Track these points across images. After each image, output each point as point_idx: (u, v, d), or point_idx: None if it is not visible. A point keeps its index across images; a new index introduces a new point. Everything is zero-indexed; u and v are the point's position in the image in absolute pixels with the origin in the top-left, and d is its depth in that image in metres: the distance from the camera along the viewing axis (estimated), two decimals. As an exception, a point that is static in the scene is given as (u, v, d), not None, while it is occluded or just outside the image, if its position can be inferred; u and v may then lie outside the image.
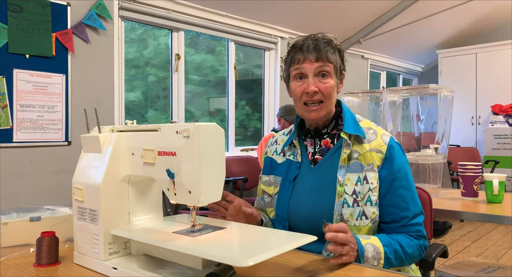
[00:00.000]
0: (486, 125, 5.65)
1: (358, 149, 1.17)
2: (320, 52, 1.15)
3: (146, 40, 3.56)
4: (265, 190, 1.30)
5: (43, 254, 1.03)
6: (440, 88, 1.96)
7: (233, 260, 0.73)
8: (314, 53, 1.15)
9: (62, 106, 2.82)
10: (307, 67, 1.15)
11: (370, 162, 1.15)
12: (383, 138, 1.18)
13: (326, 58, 1.15)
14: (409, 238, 1.13)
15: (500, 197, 1.83)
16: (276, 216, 1.24)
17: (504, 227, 4.51)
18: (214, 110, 4.22)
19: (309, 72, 1.16)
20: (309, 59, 1.15)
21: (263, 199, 1.31)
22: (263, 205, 1.32)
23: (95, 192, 0.97)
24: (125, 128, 1.04)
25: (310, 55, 1.15)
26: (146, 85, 3.58)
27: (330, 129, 1.23)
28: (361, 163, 1.15)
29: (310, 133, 1.25)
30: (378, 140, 1.18)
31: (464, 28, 5.98)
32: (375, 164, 1.15)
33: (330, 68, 1.16)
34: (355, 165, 1.15)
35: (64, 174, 2.86)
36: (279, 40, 4.44)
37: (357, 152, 1.16)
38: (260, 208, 1.34)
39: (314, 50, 1.15)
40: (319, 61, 1.15)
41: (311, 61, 1.15)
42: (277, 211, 1.23)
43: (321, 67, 1.15)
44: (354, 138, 1.18)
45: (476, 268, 2.03)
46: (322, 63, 1.15)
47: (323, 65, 1.15)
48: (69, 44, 2.83)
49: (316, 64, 1.15)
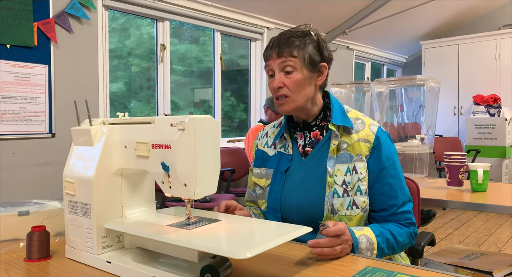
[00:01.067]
0: (468, 115, 5.76)
1: (347, 139, 1.18)
2: (281, 48, 1.15)
3: (128, 29, 3.49)
4: (256, 183, 1.31)
5: (34, 249, 1.01)
6: (426, 80, 1.99)
7: (231, 253, 0.73)
8: (276, 49, 1.15)
9: (45, 98, 2.76)
10: (272, 64, 1.17)
11: (359, 152, 1.17)
12: (370, 128, 1.20)
13: (288, 53, 1.14)
14: (399, 226, 1.16)
15: (484, 186, 1.87)
16: (268, 208, 1.25)
17: (484, 214, 4.63)
18: (199, 101, 4.19)
19: (274, 68, 1.17)
20: (272, 56, 1.16)
21: (255, 191, 1.32)
22: (254, 197, 1.33)
23: (87, 186, 0.96)
24: (116, 120, 1.02)
25: (273, 52, 1.16)
26: (129, 75, 3.52)
27: (318, 121, 1.24)
28: (350, 154, 1.17)
29: (299, 126, 1.26)
30: (366, 130, 1.19)
31: (447, 19, 6.05)
32: (363, 154, 1.16)
33: (294, 63, 1.14)
34: (344, 155, 1.17)
35: (48, 167, 2.81)
36: (265, 30, 4.42)
37: (346, 142, 1.18)
38: (252, 200, 1.35)
39: (277, 46, 1.16)
40: (281, 57, 1.15)
41: (274, 58, 1.16)
42: (269, 202, 1.24)
43: (283, 63, 1.15)
44: (343, 129, 1.19)
45: (460, 255, 2.08)
46: (284, 58, 1.15)
47: (285, 61, 1.15)
48: (52, 34, 2.76)
49: (278, 60, 1.15)
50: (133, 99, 3.61)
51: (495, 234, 3.87)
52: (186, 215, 0.95)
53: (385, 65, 6.75)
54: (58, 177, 2.84)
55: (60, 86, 2.84)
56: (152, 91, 3.66)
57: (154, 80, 3.65)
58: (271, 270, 0.92)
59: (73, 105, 2.85)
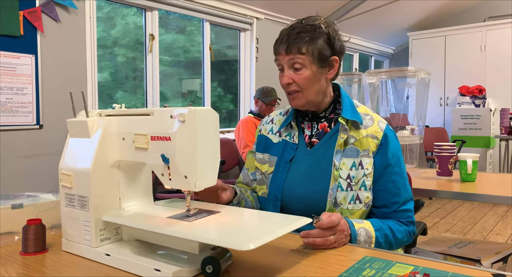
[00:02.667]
0: (454, 106, 5.85)
1: (355, 134, 1.18)
2: (290, 44, 1.13)
3: (114, 19, 3.43)
4: (258, 167, 1.31)
5: (30, 242, 1.00)
6: (417, 71, 2.00)
7: (235, 244, 0.74)
8: (285, 45, 1.14)
9: (32, 88, 2.71)
10: (282, 59, 1.16)
11: (366, 148, 1.17)
12: (379, 125, 1.20)
13: (296, 50, 1.12)
14: (399, 224, 1.17)
15: (473, 176, 1.91)
16: (268, 195, 1.25)
17: (469, 203, 4.73)
18: (186, 92, 4.16)
19: (283, 64, 1.16)
20: (281, 52, 1.15)
21: (254, 175, 1.32)
22: (250, 180, 1.33)
23: (85, 178, 0.95)
24: (113, 112, 1.01)
25: (282, 47, 1.15)
26: (114, 65, 3.47)
27: (328, 113, 1.24)
28: (357, 149, 1.17)
29: (308, 116, 1.26)
30: (375, 126, 1.19)
31: (434, 10, 6.09)
32: (370, 150, 1.17)
33: (303, 60, 1.13)
34: (351, 150, 1.17)
35: (37, 159, 2.77)
36: (255, 20, 4.39)
37: (354, 137, 1.18)
38: (246, 182, 1.35)
39: (285, 42, 1.14)
40: (289, 54, 1.14)
41: (283, 54, 1.15)
42: (271, 190, 1.24)
43: (292, 60, 1.14)
44: (351, 123, 1.19)
45: (449, 244, 2.13)
46: (292, 55, 1.13)
47: (294, 58, 1.13)
48: (38, 23, 2.70)
49: (287, 57, 1.14)
50: (119, 89, 3.56)
51: (480, 222, 3.96)
52: (186, 207, 0.95)
53: (373, 56, 6.79)
54: (47, 169, 2.81)
55: (47, 76, 2.79)
56: (138, 82, 3.62)
57: (141, 70, 3.60)
58: (270, 261, 0.93)
59: (61, 96, 2.82)
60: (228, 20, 4.15)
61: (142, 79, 3.63)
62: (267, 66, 4.51)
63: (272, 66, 4.77)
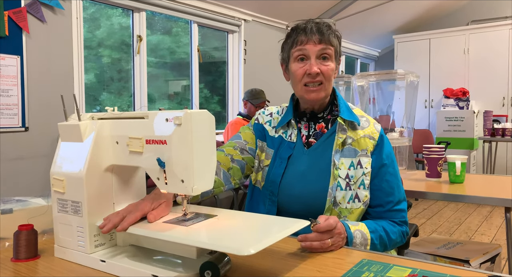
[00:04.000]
0: (438, 108, 5.93)
1: (352, 135, 1.20)
2: (323, 34, 1.16)
3: (99, 19, 3.38)
4: (257, 154, 1.29)
5: (22, 249, 0.98)
6: (407, 74, 2.03)
7: (235, 249, 0.73)
8: (317, 35, 1.15)
9: (17, 90, 2.65)
10: (310, 48, 1.16)
11: (364, 147, 1.19)
12: (375, 126, 1.24)
13: (329, 41, 1.16)
14: (393, 224, 1.18)
15: (461, 178, 1.94)
16: (263, 189, 1.24)
17: (454, 204, 4.80)
18: (173, 93, 4.13)
19: (311, 53, 1.16)
20: (312, 40, 1.15)
21: (253, 150, 1.29)
22: (244, 147, 1.28)
23: (78, 183, 0.93)
24: (106, 115, 0.99)
25: (313, 36, 1.15)
26: (99, 67, 3.42)
27: (325, 114, 1.25)
28: (355, 149, 1.19)
29: (306, 116, 1.26)
30: (371, 128, 1.23)
31: (419, 14, 6.18)
32: (368, 150, 1.19)
33: (332, 51, 1.17)
34: (349, 150, 1.19)
35: (22, 162, 2.71)
36: (243, 22, 4.39)
37: (351, 138, 1.20)
38: (240, 148, 1.27)
39: (317, 32, 1.16)
40: (322, 44, 1.15)
41: (315, 43, 1.16)
42: (266, 184, 1.23)
43: (323, 50, 1.16)
44: (349, 124, 1.21)
45: (437, 244, 2.15)
46: (324, 45, 1.16)
47: (325, 48, 1.16)
48: (23, 23, 2.65)
49: (319, 46, 1.16)
50: (104, 91, 3.51)
51: (465, 223, 4.02)
52: (182, 211, 0.94)
53: (359, 58, 6.85)
54: (33, 172, 2.75)
55: (33, 78, 2.74)
56: (124, 83, 3.58)
57: (126, 71, 3.56)
58: (268, 264, 0.92)
59: (47, 97, 2.77)
60: (216, 21, 4.14)
61: (127, 81, 3.59)
62: (255, 68, 4.51)
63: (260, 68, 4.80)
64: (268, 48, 4.60)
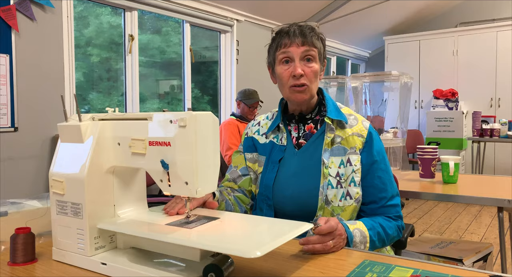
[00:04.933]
0: (428, 108, 6.00)
1: (341, 133, 1.22)
2: (306, 36, 1.18)
3: (87, 18, 3.33)
4: (250, 167, 1.32)
5: (19, 252, 0.96)
6: (401, 75, 2.04)
7: (242, 251, 0.73)
8: (300, 37, 1.18)
9: (6, 89, 2.61)
10: (294, 51, 1.18)
11: (353, 145, 1.20)
12: (363, 124, 1.25)
13: (312, 43, 1.18)
14: (388, 219, 1.19)
15: (455, 178, 1.96)
16: (259, 195, 1.27)
17: (444, 204, 4.86)
18: (163, 93, 4.09)
19: (295, 55, 1.18)
20: (295, 43, 1.18)
21: (244, 170, 1.32)
22: (237, 176, 1.32)
23: (79, 185, 0.92)
24: (107, 116, 0.98)
25: (296, 39, 1.18)
26: (87, 66, 3.36)
27: (314, 115, 1.27)
28: (344, 147, 1.20)
29: (295, 118, 1.28)
30: (359, 125, 1.24)
31: (409, 16, 6.24)
32: (357, 147, 1.21)
33: (315, 53, 1.19)
34: (338, 149, 1.20)
35: (12, 163, 2.67)
36: (235, 22, 4.38)
37: (340, 136, 1.21)
38: (233, 178, 1.33)
39: (300, 34, 1.18)
40: (305, 45, 1.18)
41: (298, 45, 1.18)
42: (261, 190, 1.26)
43: (306, 52, 1.18)
44: (337, 123, 1.23)
45: (431, 244, 2.17)
46: (307, 47, 1.18)
47: (309, 50, 1.18)
48: (13, 21, 2.60)
49: (302, 48, 1.18)
50: (92, 90, 3.46)
51: (455, 222, 4.07)
52: (185, 213, 0.93)
53: (350, 59, 6.89)
54: (23, 173, 2.71)
55: (22, 77, 2.69)
56: (112, 83, 3.53)
57: (115, 71, 3.52)
58: (271, 266, 0.92)
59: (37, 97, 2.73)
60: (208, 21, 4.12)
61: (116, 80, 3.55)
62: (248, 68, 4.51)
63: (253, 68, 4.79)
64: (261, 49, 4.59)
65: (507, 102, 5.60)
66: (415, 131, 5.57)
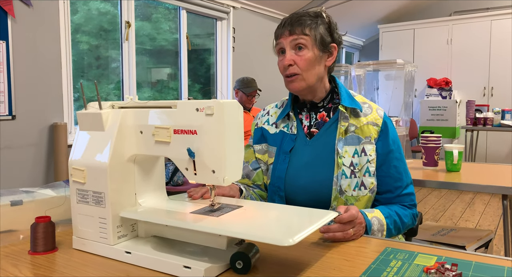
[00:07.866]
0: (422, 97, 6.04)
1: (355, 122, 1.20)
2: (293, 26, 1.17)
3: (75, 4, 3.24)
4: (260, 159, 1.31)
5: (39, 241, 0.95)
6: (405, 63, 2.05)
7: (275, 240, 0.73)
8: (288, 27, 1.17)
9: (3, 76, 2.55)
10: (283, 41, 1.18)
11: (368, 135, 1.19)
12: (378, 112, 1.23)
13: (300, 31, 1.16)
14: (404, 208, 1.20)
15: (458, 166, 1.98)
16: (271, 186, 1.26)
17: (437, 191, 4.93)
18: (156, 81, 4.04)
19: (285, 46, 1.18)
20: (284, 34, 1.18)
21: (255, 164, 1.32)
22: (249, 171, 1.32)
23: (101, 174, 0.90)
24: (127, 104, 0.97)
25: (285, 30, 1.18)
26: (76, 53, 3.29)
27: (326, 103, 1.25)
28: (358, 136, 1.19)
29: (306, 107, 1.27)
30: (374, 114, 1.22)
31: (404, 4, 6.24)
32: (372, 137, 1.19)
33: (306, 41, 1.16)
34: (352, 138, 1.19)
35: (10, 151, 2.63)
36: (231, 9, 4.33)
37: (354, 125, 1.20)
38: (246, 173, 1.33)
39: (288, 24, 1.18)
40: (293, 35, 1.17)
41: (286, 36, 1.18)
42: (273, 181, 1.25)
43: (295, 40, 1.17)
44: (351, 111, 1.21)
45: (432, 231, 2.21)
46: (296, 36, 1.16)
47: (297, 38, 1.16)
48: (8, 7, 2.54)
49: (290, 37, 1.17)
50: (81, 78, 3.39)
51: (450, 209, 4.14)
52: (210, 201, 0.93)
53: (344, 47, 6.88)
54: (22, 162, 2.67)
55: (19, 64, 2.64)
56: (102, 70, 3.47)
57: (105, 59, 3.45)
58: (295, 254, 0.92)
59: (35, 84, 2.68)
60: (204, 8, 4.07)
61: (106, 68, 3.48)
62: (245, 56, 4.47)
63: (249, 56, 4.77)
64: (258, 36, 4.57)
65: (500, 91, 5.66)
66: (410, 120, 5.61)
